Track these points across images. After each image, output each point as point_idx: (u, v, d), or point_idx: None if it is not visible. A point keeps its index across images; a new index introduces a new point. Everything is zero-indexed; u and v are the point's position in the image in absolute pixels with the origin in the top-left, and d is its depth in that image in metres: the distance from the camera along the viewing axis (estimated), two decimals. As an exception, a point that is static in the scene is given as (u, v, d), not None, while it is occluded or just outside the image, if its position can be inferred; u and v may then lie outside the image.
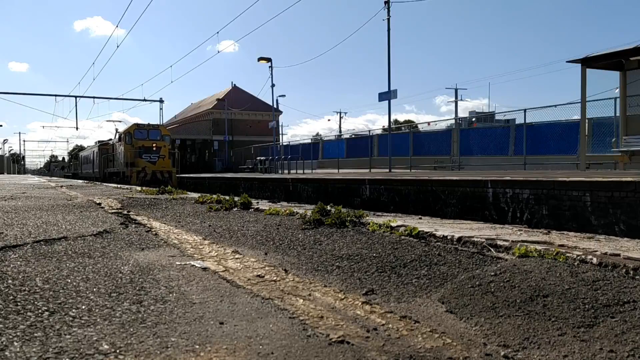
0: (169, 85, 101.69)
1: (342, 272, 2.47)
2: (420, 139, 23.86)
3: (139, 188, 11.78)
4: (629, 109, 11.17)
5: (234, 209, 5.46)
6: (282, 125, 56.90)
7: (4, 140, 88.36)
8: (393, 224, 3.54)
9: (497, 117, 41.81)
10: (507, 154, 18.75)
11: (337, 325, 1.70)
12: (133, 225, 4.23)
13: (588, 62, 11.40)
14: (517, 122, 21.14)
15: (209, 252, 3.01)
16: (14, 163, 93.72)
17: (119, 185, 15.05)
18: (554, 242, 2.75)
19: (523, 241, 2.74)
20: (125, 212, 5.31)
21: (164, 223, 4.47)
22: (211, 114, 50.93)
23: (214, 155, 48.83)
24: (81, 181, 23.95)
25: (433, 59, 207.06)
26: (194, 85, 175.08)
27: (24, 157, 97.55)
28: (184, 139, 48.08)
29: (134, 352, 1.43)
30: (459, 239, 2.91)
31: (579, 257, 2.31)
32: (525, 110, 16.74)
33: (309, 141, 37.16)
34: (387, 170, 19.46)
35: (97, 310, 1.81)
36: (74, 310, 1.79)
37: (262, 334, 1.59)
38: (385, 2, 18.93)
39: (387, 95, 19.62)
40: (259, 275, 2.38)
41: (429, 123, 30.13)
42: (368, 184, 11.18)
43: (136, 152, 24.06)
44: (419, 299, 2.05)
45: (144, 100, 38.05)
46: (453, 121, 27.89)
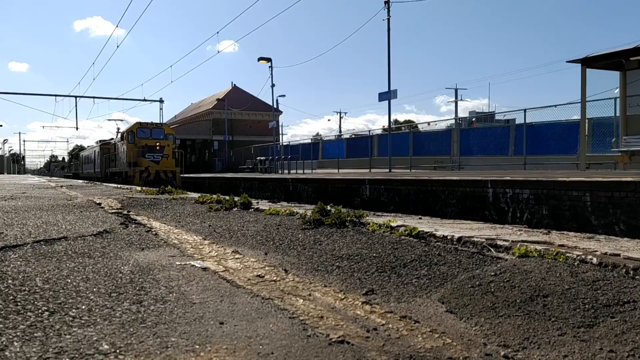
0: (169, 85, 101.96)
1: (342, 272, 2.47)
2: (420, 139, 23.87)
3: (138, 188, 11.78)
4: (629, 109, 11.17)
5: (234, 209, 5.46)
6: (282, 125, 56.99)
7: (4, 140, 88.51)
8: (393, 224, 3.54)
9: (497, 117, 41.90)
10: (507, 154, 18.75)
11: (337, 325, 1.70)
12: (133, 225, 4.23)
13: (588, 62, 11.40)
14: (517, 122, 21.17)
15: (209, 252, 3.01)
16: (14, 163, 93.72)
17: (119, 185, 15.05)
18: (554, 242, 2.75)
19: (523, 241, 2.74)
20: (125, 212, 5.31)
21: (164, 223, 4.47)
22: (211, 114, 50.95)
23: (214, 155, 48.85)
24: (81, 181, 23.93)
25: (433, 59, 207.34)
26: (194, 85, 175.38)
27: (24, 157, 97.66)
28: (184, 139, 48.04)
29: (134, 352, 1.43)
30: (459, 239, 2.91)
31: (579, 257, 2.31)
32: (525, 110, 16.76)
33: (309, 141, 37.18)
34: (387, 170, 19.47)
35: (97, 310, 1.81)
36: (74, 310, 1.79)
37: (262, 334, 1.59)
38: (385, 2, 18.94)
39: (387, 95, 19.64)
40: (259, 275, 2.38)
41: (429, 123, 30.17)
42: (368, 184, 11.18)
43: (139, 151, 23.24)
44: (419, 299, 2.05)
45: (144, 100, 38.10)
46: (453, 121, 27.92)
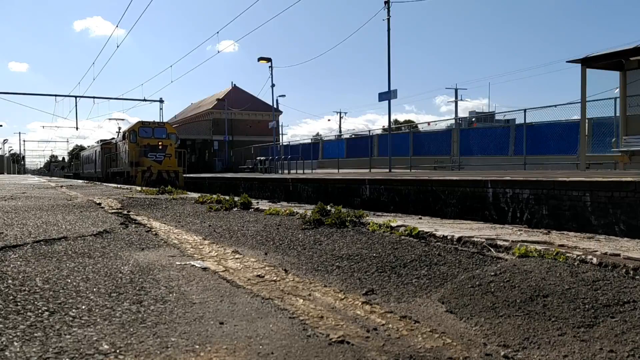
0: (169, 85, 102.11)
1: (342, 272, 2.47)
2: (420, 139, 23.88)
3: (139, 188, 11.78)
4: (629, 109, 11.18)
5: (234, 209, 5.46)
6: (282, 125, 57.01)
7: (4, 140, 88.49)
8: (393, 224, 3.54)
9: (497, 117, 41.90)
10: (507, 154, 18.76)
11: (337, 325, 1.69)
12: (133, 225, 4.23)
13: (588, 62, 11.40)
14: (517, 122, 21.19)
15: (209, 252, 3.01)
16: (14, 163, 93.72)
17: (119, 186, 15.05)
18: (554, 242, 2.75)
19: (523, 241, 2.74)
20: (125, 212, 5.31)
21: (164, 223, 4.47)
22: (211, 114, 50.95)
23: (214, 155, 48.85)
24: (81, 181, 23.92)
25: (433, 59, 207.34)
26: (194, 85, 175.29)
27: (24, 157, 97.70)
28: (184, 139, 47.95)
29: (134, 352, 1.43)
30: (459, 239, 2.91)
31: (579, 257, 2.31)
32: (525, 110, 16.77)
33: (309, 141, 37.19)
34: (387, 170, 19.47)
35: (97, 310, 1.81)
36: (74, 310, 1.79)
37: (262, 334, 1.59)
38: (385, 2, 18.95)
39: (387, 95, 19.64)
40: (259, 275, 2.38)
41: (429, 123, 30.18)
42: (368, 184, 11.18)
43: (141, 150, 22.71)
44: (419, 299, 2.05)
45: (144, 100, 38.11)
46: (453, 121, 27.93)
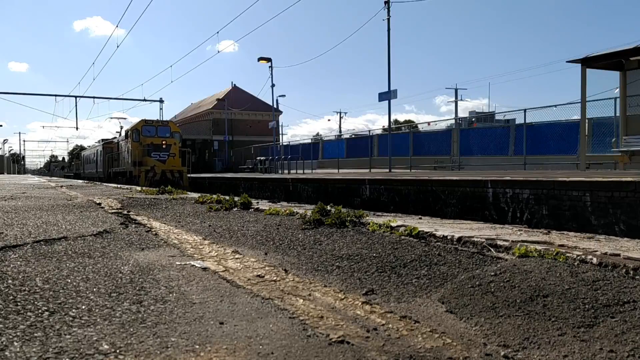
0: (169, 85, 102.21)
1: (342, 272, 2.47)
2: (420, 139, 23.88)
3: (139, 188, 11.78)
4: (629, 109, 11.17)
5: (234, 209, 5.46)
6: (282, 125, 57.02)
7: (4, 140, 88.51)
8: (393, 224, 3.54)
9: (497, 117, 41.89)
10: (507, 154, 18.76)
11: (337, 325, 1.69)
12: (133, 225, 4.23)
13: (588, 62, 11.40)
14: (517, 122, 21.17)
15: (209, 252, 3.01)
16: (14, 163, 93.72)
17: (119, 186, 15.05)
18: (554, 242, 2.75)
19: (523, 241, 2.74)
20: (125, 212, 5.31)
21: (164, 223, 4.47)
22: (211, 114, 50.95)
23: (214, 155, 48.85)
24: (81, 181, 23.91)
25: (433, 59, 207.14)
26: (194, 85, 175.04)
27: (24, 157, 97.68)
28: (184, 139, 48.04)
29: (134, 352, 1.43)
30: (459, 239, 2.91)
31: (579, 257, 2.31)
32: (525, 110, 16.76)
33: (309, 141, 37.19)
34: (387, 170, 19.47)
35: (97, 310, 1.81)
36: (74, 310, 1.79)
37: (262, 334, 1.59)
38: (385, 2, 18.95)
39: (387, 95, 19.64)
40: (259, 275, 2.38)
41: (429, 123, 30.18)
42: (368, 184, 11.18)
43: (144, 150, 22.17)
44: (419, 299, 2.05)
45: (144, 100, 38.07)
46: (453, 121, 27.93)
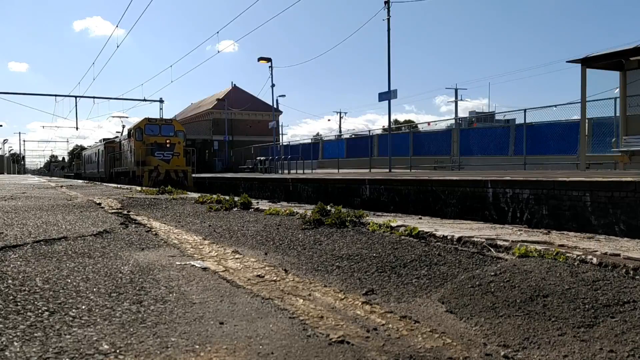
0: (169, 85, 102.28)
1: (342, 272, 2.47)
2: (420, 139, 23.89)
3: (139, 188, 11.77)
4: (629, 109, 11.17)
5: (234, 209, 5.46)
6: (282, 125, 57.05)
7: (4, 140, 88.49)
8: (393, 224, 3.54)
9: (497, 117, 41.86)
10: (507, 154, 18.77)
11: (337, 325, 1.69)
12: (133, 225, 4.23)
13: (588, 62, 11.40)
14: (517, 122, 21.18)
15: (209, 252, 3.01)
16: (14, 163, 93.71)
17: (119, 185, 15.05)
18: (554, 242, 2.75)
19: (523, 241, 2.74)
20: (125, 212, 5.31)
21: (164, 223, 4.47)
22: (211, 114, 50.95)
23: (214, 155, 48.86)
24: (81, 181, 23.90)
25: (433, 59, 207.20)
26: (194, 85, 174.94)
27: (24, 157, 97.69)
28: (184, 139, 48.04)
29: (134, 352, 1.43)
30: (459, 239, 2.91)
31: (579, 257, 2.31)
32: (525, 110, 16.77)
33: (309, 141, 37.21)
34: (387, 170, 19.47)
35: (97, 310, 1.81)
36: (74, 310, 1.79)
37: (262, 334, 1.59)
38: (385, 2, 18.95)
39: (387, 95, 19.65)
40: (259, 275, 2.38)
41: (429, 123, 30.18)
42: (368, 184, 11.18)
43: (148, 149, 21.56)
44: (419, 299, 2.05)
45: (144, 100, 38.02)
46: (453, 121, 27.94)
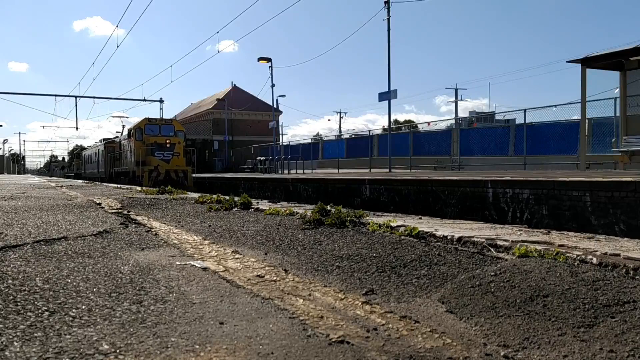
0: (169, 85, 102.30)
1: (342, 272, 2.47)
2: (420, 139, 23.89)
3: (138, 188, 11.77)
4: (629, 109, 11.17)
5: (234, 209, 5.46)
6: (282, 125, 57.07)
7: (4, 140, 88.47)
8: (393, 224, 3.54)
9: (497, 117, 41.87)
10: (507, 154, 18.77)
11: (337, 325, 1.69)
12: (133, 225, 4.23)
13: (588, 62, 11.40)
14: (517, 122, 21.19)
15: (209, 252, 3.01)
16: (14, 163, 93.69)
17: (119, 185, 15.05)
18: (554, 242, 2.75)
19: (523, 241, 2.74)
20: (125, 212, 5.31)
21: (164, 223, 4.47)
22: (211, 114, 50.97)
23: (214, 155, 48.87)
24: (81, 181, 23.89)
25: (433, 59, 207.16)
26: (194, 85, 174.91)
27: (24, 157, 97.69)
28: (184, 139, 48.04)
29: (134, 352, 1.43)
30: (459, 239, 2.91)
31: (579, 257, 2.31)
32: (525, 110, 16.78)
33: (309, 141, 37.22)
34: (387, 170, 19.47)
35: (97, 310, 1.81)
36: (74, 310, 1.79)
37: (262, 334, 1.59)
38: (385, 2, 18.95)
39: (387, 95, 19.65)
40: (259, 275, 2.38)
41: (429, 123, 30.19)
42: (368, 184, 11.18)
43: (148, 149, 21.53)
44: (419, 299, 2.05)
45: (144, 100, 38.02)
46: (453, 121, 27.95)
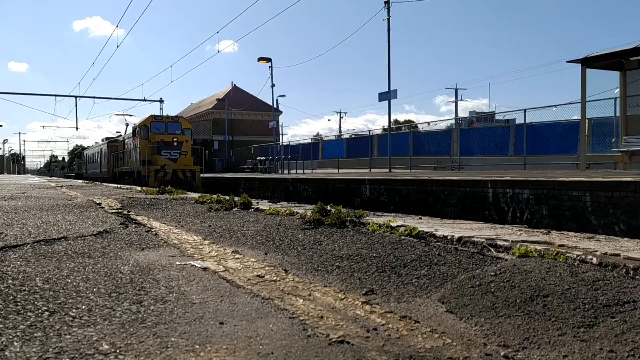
0: (169, 85, 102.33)
1: (342, 272, 2.47)
2: (420, 139, 23.90)
3: (139, 188, 11.77)
4: (629, 109, 11.18)
5: (234, 209, 5.46)
6: (282, 125, 57.04)
7: (4, 140, 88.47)
8: (393, 224, 3.54)
9: (497, 117, 41.85)
10: (507, 154, 18.78)
11: (337, 325, 1.69)
12: (133, 225, 4.23)
13: (588, 62, 11.41)
14: (517, 122, 21.20)
15: (209, 252, 3.01)
16: (14, 163, 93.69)
17: (119, 185, 15.04)
18: (554, 242, 2.75)
19: (523, 241, 2.74)
20: (125, 212, 5.31)
21: (164, 223, 4.47)
22: (211, 114, 50.99)
23: (214, 155, 48.87)
24: (81, 181, 23.89)
25: (433, 59, 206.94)
26: (194, 85, 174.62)
27: (24, 157, 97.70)
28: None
29: (134, 352, 1.43)
30: (459, 239, 2.91)
31: (579, 257, 2.31)
32: (525, 110, 16.78)
33: (309, 141, 37.23)
34: (387, 170, 19.47)
35: (97, 310, 1.81)
36: (74, 310, 1.79)
37: (262, 334, 1.59)
38: (385, 2, 18.96)
39: (387, 95, 19.65)
40: (259, 275, 2.38)
41: (429, 123, 30.18)
42: (368, 184, 11.18)
43: (154, 147, 20.42)
44: (419, 299, 2.05)
45: (144, 100, 38.03)
46: (453, 121, 27.96)
